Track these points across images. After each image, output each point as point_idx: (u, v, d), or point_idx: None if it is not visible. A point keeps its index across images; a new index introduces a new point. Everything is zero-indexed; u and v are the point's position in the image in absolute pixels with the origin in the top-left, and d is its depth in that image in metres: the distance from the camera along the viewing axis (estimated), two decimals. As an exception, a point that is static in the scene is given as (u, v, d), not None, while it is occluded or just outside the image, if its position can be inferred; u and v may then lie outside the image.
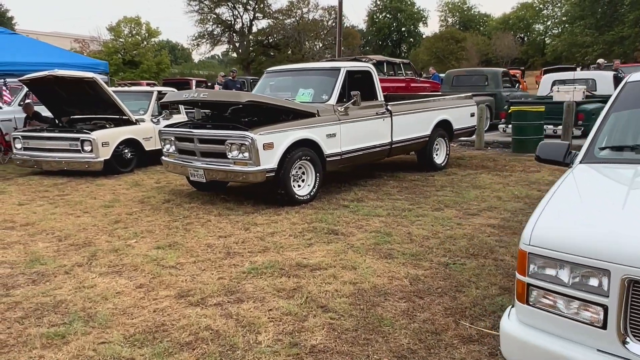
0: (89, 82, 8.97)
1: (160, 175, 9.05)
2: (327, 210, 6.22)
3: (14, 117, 13.39)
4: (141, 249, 4.93)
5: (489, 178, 8.03)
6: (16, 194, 7.74)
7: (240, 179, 6.24)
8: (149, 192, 7.65)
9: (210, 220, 5.93)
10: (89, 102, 9.64)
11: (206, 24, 48.92)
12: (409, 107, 8.19)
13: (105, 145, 8.89)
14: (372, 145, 7.52)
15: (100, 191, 7.81)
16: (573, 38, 39.36)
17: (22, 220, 6.13)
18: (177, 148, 6.96)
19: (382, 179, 8.14)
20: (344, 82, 7.18)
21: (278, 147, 6.21)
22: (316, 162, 6.68)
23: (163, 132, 7.14)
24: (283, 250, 4.78)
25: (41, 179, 8.87)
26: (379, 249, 4.75)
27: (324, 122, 6.75)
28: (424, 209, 6.19)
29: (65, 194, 7.64)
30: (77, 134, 8.94)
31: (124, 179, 8.76)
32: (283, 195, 6.39)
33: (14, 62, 9.97)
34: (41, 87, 9.59)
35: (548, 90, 13.39)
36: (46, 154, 9.10)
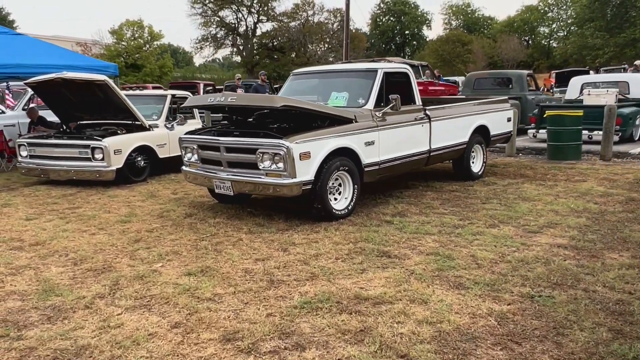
0: (99, 84, 8.36)
1: (177, 185, 8.43)
2: (369, 227, 5.60)
3: (18, 122, 12.82)
4: (169, 275, 4.31)
5: (534, 188, 7.40)
6: (23, 206, 7.12)
7: (273, 193, 5.62)
8: (167, 204, 7.02)
9: (242, 239, 5.30)
10: (99, 106, 9.04)
11: (210, 26, 48.40)
12: (448, 111, 7.58)
13: (117, 153, 8.27)
14: (410, 153, 6.90)
15: (113, 203, 7.18)
16: (583, 40, 38.80)
17: (31, 239, 5.51)
18: (200, 157, 6.35)
19: (418, 190, 7.52)
20: (381, 84, 6.57)
21: (315, 157, 5.60)
22: (354, 173, 6.06)
23: (184, 139, 6.52)
24: (334, 277, 4.15)
25: (49, 190, 8.25)
26: (444, 276, 4.12)
27: (361, 128, 6.13)
28: (477, 226, 5.56)
29: (76, 207, 7.02)
30: (87, 140, 8.32)
31: (137, 190, 8.14)
32: (319, 210, 5.76)
33: (19, 64, 9.36)
34: (48, 91, 8.99)
35: (577, 94, 12.78)
36: (54, 162, 8.49)
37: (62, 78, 8.30)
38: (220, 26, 49.53)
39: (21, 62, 9.42)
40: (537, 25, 68.91)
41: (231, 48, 50.24)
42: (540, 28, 69.28)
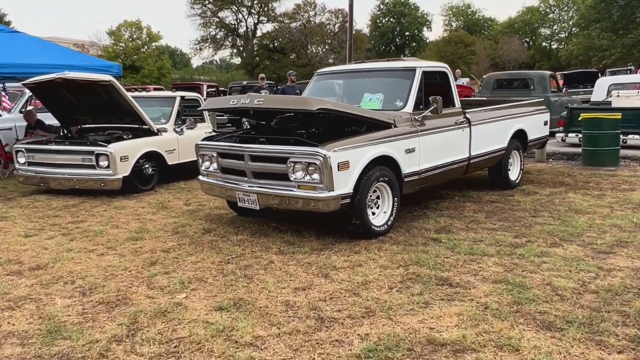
0: (104, 85, 7.68)
1: (188, 195, 7.75)
2: (415, 246, 4.94)
3: (15, 126, 12.11)
4: (197, 309, 3.64)
5: (582, 199, 6.76)
6: (21, 220, 6.43)
7: (306, 207, 4.95)
8: (181, 218, 6.35)
9: (273, 261, 4.63)
10: (103, 108, 8.36)
11: (209, 27, 47.72)
12: (487, 115, 6.94)
13: (124, 160, 7.59)
14: (451, 161, 6.26)
15: (121, 216, 6.51)
16: (589, 41, 38.26)
17: (31, 261, 4.82)
18: (219, 166, 5.68)
19: (454, 200, 6.87)
20: (420, 85, 5.91)
21: (354, 167, 4.94)
22: (394, 184, 5.41)
23: (202, 146, 5.85)
24: (394, 313, 3.49)
25: (49, 200, 7.56)
26: (526, 312, 3.46)
27: (401, 134, 5.48)
28: (537, 244, 4.91)
29: (80, 221, 6.33)
30: (91, 146, 7.63)
31: (146, 200, 7.46)
32: (357, 227, 5.10)
33: (16, 63, 8.68)
34: (47, 92, 8.31)
35: (604, 95, 12.16)
36: (54, 170, 7.80)
37: (64, 78, 7.62)
38: (220, 27, 48.85)
39: (19, 62, 8.74)
40: (537, 27, 68.45)
41: (231, 49, 49.58)
42: (541, 29, 68.83)
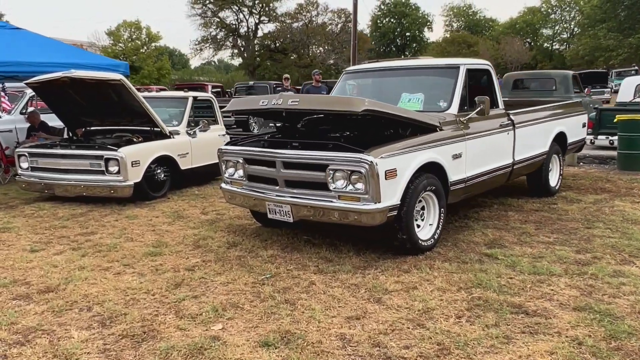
0: (113, 85, 7.14)
1: (204, 202, 7.22)
2: (470, 264, 4.42)
3: (15, 128, 11.57)
4: (239, 346, 3.10)
5: (632, 207, 6.26)
6: (25, 231, 5.89)
7: (348, 221, 4.42)
8: (201, 229, 5.82)
9: (314, 282, 4.10)
10: (112, 110, 7.81)
11: (210, 27, 47.17)
12: (531, 116, 6.42)
13: (135, 165, 7.05)
14: (495, 167, 5.75)
15: (135, 227, 5.97)
16: (596, 42, 37.82)
17: (39, 281, 4.28)
18: (246, 173, 5.15)
19: (494, 209, 6.36)
20: (464, 83, 5.40)
21: (402, 175, 4.42)
22: (440, 194, 4.89)
23: (226, 151, 5.32)
24: (473, 351, 2.97)
25: (54, 208, 7.02)
26: (631, 350, 2.94)
27: (448, 138, 4.96)
28: (606, 261, 4.40)
29: (90, 233, 5.80)
30: (100, 150, 7.09)
31: (159, 208, 6.92)
32: (404, 242, 4.58)
33: (17, 61, 8.13)
34: (52, 92, 7.76)
35: (631, 96, 11.67)
36: (60, 175, 7.25)
37: (70, 77, 7.08)
38: (221, 27, 48.30)
39: (20, 60, 8.20)
40: (539, 27, 68.17)
41: (231, 50, 49.02)
42: (543, 30, 68.54)
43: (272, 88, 18.10)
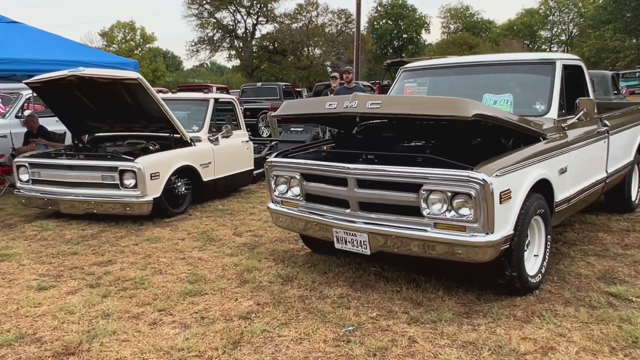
0: (129, 85, 6.17)
1: (233, 220, 6.27)
2: (599, 308, 3.51)
3: (10, 133, 10.55)
4: None
5: None
6: (28, 260, 4.90)
7: (448, 255, 3.47)
8: (240, 256, 4.86)
9: (415, 339, 3.16)
10: (124, 113, 6.84)
11: (206, 28, 46.14)
12: (621, 120, 5.53)
13: (154, 178, 6.08)
14: (593, 182, 4.85)
15: (159, 254, 5.00)
16: (602, 43, 37.18)
17: (53, 337, 3.31)
18: (304, 192, 4.19)
19: (576, 228, 5.46)
20: (561, 82, 4.49)
21: (515, 197, 3.50)
22: (547, 218, 3.97)
23: (278, 164, 4.36)
24: None
25: (60, 227, 6.04)
26: None
27: (554, 149, 4.04)
28: None
29: (107, 262, 4.82)
30: (113, 160, 6.11)
31: (183, 227, 5.96)
32: (512, 280, 3.64)
33: (15, 58, 7.12)
34: (56, 93, 6.77)
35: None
36: (66, 189, 6.26)
37: (78, 76, 6.10)
38: (217, 28, 47.27)
39: (18, 57, 7.18)
40: (537, 29, 67.70)
41: (228, 51, 47.97)
42: (541, 32, 68.09)
43: (281, 89, 17.16)
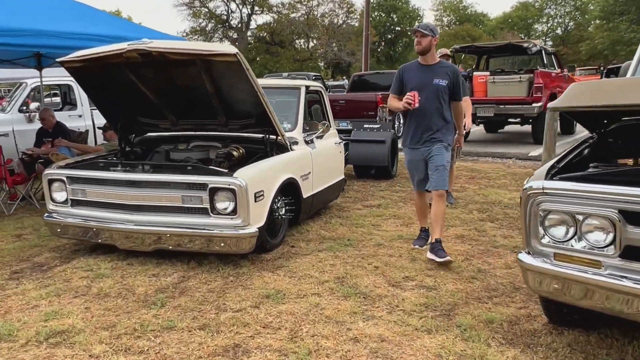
0: (218, 64, 4.26)
1: (362, 256, 4.45)
2: None
3: (13, 131, 8.57)
4: None
5: None
6: (101, 346, 2.99)
7: None
8: (444, 333, 3.04)
9: None
10: (196, 106, 4.92)
11: (199, 18, 43.81)
12: None
13: (259, 199, 4.19)
14: None
15: (306, 327, 3.16)
16: (617, 35, 35.93)
17: None
18: (622, 242, 2.35)
19: None
20: None
21: None
22: None
23: (561, 193, 2.51)
24: None
25: (118, 271, 4.13)
26: None
27: None
28: None
29: (233, 346, 2.97)
30: (201, 174, 4.18)
31: (300, 269, 4.11)
32: None
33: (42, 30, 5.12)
34: (101, 77, 4.81)
35: None
36: (125, 215, 4.32)
37: (142, 51, 4.17)
38: (210, 18, 44.95)
39: (44, 28, 5.19)
40: (532, 23, 66.70)
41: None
42: (536, 26, 67.11)
43: (310, 79, 15.20)
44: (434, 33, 4.11)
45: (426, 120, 4.21)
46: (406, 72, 4.34)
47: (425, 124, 4.23)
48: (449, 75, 4.18)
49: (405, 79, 4.31)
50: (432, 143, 4.23)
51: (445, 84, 4.17)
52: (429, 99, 4.15)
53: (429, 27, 4.12)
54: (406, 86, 4.26)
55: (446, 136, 4.27)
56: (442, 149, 4.23)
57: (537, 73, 10.14)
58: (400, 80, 4.34)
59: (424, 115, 4.20)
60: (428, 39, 4.15)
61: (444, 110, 4.23)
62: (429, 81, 4.19)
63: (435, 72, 4.24)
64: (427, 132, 4.24)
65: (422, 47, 4.20)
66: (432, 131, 4.23)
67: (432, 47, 4.21)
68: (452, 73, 4.23)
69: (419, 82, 4.20)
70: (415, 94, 4.07)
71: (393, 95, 4.39)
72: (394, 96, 4.38)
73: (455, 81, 4.20)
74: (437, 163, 4.20)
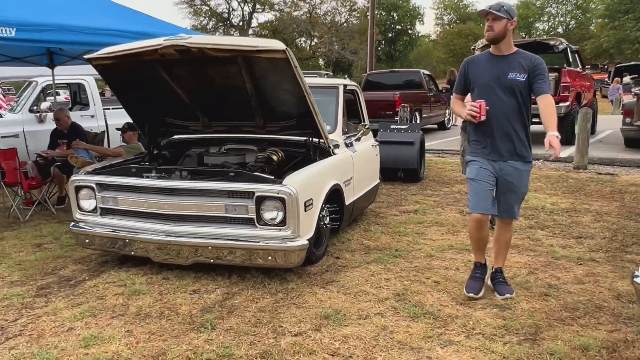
0: (263, 60, 3.92)
1: (415, 268, 4.13)
2: None
3: (24, 132, 8.23)
4: None
5: None
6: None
7: None
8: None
9: None
10: (232, 106, 4.58)
11: (199, 16, 43.41)
12: None
13: (308, 208, 3.85)
14: None
15: (380, 355, 2.79)
16: (623, 33, 35.67)
17: None
18: None
19: None
20: None
21: None
22: None
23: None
24: None
25: (154, 286, 3.80)
26: None
27: None
28: None
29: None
30: (246, 182, 3.83)
31: (353, 284, 3.80)
32: None
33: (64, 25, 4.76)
34: (131, 75, 4.46)
35: None
36: (160, 225, 3.97)
37: (180, 47, 3.82)
38: (211, 16, 44.56)
39: (65, 23, 4.82)
40: (533, 21, 66.50)
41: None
42: (537, 24, 66.92)
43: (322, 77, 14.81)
44: (510, 15, 3.26)
45: (502, 127, 3.35)
46: (472, 66, 3.49)
47: (502, 132, 3.36)
48: (526, 67, 3.30)
49: (471, 74, 3.47)
50: (512, 159, 3.39)
51: (523, 79, 3.29)
52: (504, 98, 3.32)
53: (503, 6, 3.28)
54: (473, 84, 3.46)
55: (528, 149, 3.42)
56: (524, 173, 3.43)
57: (564, 72, 9.81)
58: (464, 76, 3.52)
59: (498, 120, 3.33)
60: (502, 22, 3.27)
61: (523, 112, 3.38)
62: (502, 76, 3.31)
63: (511, 64, 3.33)
64: (504, 143, 3.37)
65: (494, 34, 3.30)
66: (511, 142, 3.37)
67: (508, 33, 3.31)
68: (530, 63, 3.30)
69: (489, 77, 3.34)
70: (482, 105, 3.27)
71: (457, 96, 3.61)
72: (458, 97, 3.61)
73: (535, 73, 3.27)
74: (517, 191, 3.44)
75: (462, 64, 3.56)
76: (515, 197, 3.48)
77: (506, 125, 3.36)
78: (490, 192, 3.40)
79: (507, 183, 3.43)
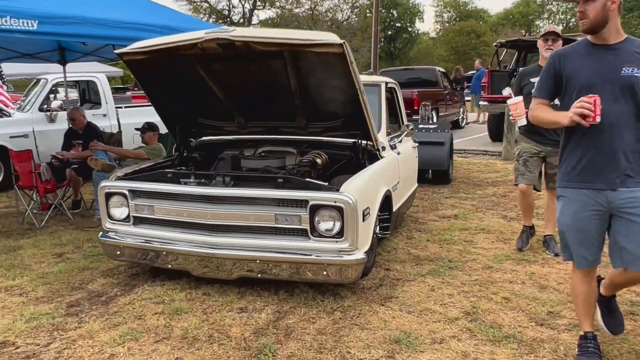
0: (312, 55, 3.57)
1: (476, 281, 3.78)
2: None
3: (33, 131, 7.87)
4: None
5: None
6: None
7: None
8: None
9: None
10: (272, 104, 4.24)
11: (199, 13, 42.88)
12: None
13: (366, 217, 3.50)
14: None
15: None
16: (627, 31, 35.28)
17: None
18: None
19: None
20: None
21: None
22: None
23: None
24: None
25: (196, 303, 3.46)
26: None
27: None
28: None
29: None
30: (298, 189, 3.47)
31: (413, 301, 3.48)
32: None
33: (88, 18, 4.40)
34: (164, 72, 4.10)
35: None
36: (202, 237, 3.62)
37: (224, 41, 3.47)
38: (211, 13, 44.04)
39: (89, 15, 4.46)
40: (534, 19, 66.29)
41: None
42: (538, 21, 66.71)
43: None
44: None
45: (612, 141, 2.43)
46: (567, 60, 2.56)
47: (610, 148, 2.43)
48: None
49: (565, 71, 2.55)
50: (625, 184, 2.44)
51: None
52: (616, 103, 2.42)
53: None
54: (568, 83, 2.55)
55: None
56: None
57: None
58: (552, 74, 2.60)
59: (607, 132, 2.42)
60: (599, 2, 2.38)
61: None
62: (612, 72, 2.43)
63: (623, 55, 2.44)
64: (614, 164, 2.44)
65: (590, 22, 2.42)
66: (626, 161, 2.43)
67: (612, 14, 2.41)
68: None
69: (593, 74, 2.46)
70: (597, 100, 2.32)
71: (540, 101, 2.65)
72: (542, 102, 2.65)
73: None
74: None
75: (549, 58, 2.64)
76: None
77: (619, 140, 2.43)
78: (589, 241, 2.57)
79: (631, 221, 2.44)
